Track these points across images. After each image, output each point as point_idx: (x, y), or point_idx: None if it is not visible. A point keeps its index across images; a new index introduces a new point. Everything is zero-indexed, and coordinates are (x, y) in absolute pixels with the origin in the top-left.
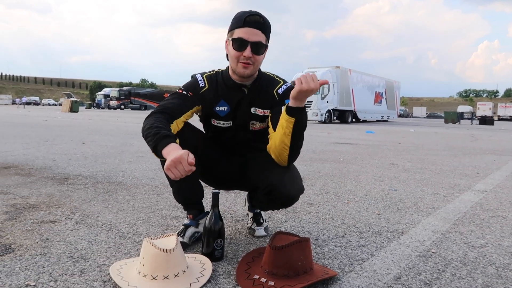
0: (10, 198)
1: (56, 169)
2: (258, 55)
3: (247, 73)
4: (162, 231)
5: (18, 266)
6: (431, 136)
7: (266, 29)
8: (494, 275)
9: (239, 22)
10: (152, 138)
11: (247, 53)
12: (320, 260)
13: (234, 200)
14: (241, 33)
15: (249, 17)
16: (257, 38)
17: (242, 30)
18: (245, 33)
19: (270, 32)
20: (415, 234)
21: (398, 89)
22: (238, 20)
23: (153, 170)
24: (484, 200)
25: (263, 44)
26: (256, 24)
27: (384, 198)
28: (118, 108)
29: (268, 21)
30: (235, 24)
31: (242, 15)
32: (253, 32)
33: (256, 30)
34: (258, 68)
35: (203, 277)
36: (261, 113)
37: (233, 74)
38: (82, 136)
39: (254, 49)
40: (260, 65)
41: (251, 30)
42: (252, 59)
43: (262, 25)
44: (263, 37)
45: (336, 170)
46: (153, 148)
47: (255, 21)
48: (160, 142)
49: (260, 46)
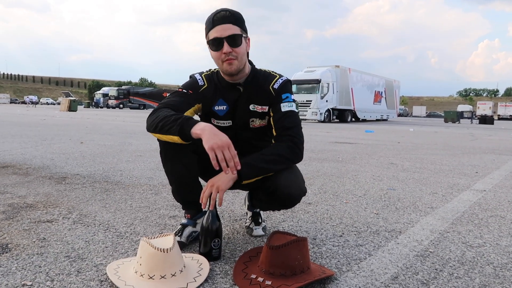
0: (7, 198)
1: (54, 169)
2: (237, 47)
3: (233, 68)
4: (160, 231)
5: (14, 266)
6: (431, 136)
7: (237, 21)
8: (491, 274)
9: (209, 24)
10: (175, 123)
11: (225, 49)
12: (317, 259)
13: (232, 199)
14: (214, 33)
15: (216, 15)
16: (230, 32)
17: (214, 30)
18: (217, 32)
19: (244, 22)
20: (413, 233)
21: (398, 88)
22: (208, 23)
23: (151, 169)
24: (483, 199)
25: (238, 35)
26: (224, 19)
27: (382, 197)
28: (117, 107)
29: (237, 12)
30: (207, 27)
31: (210, 16)
32: (224, 28)
33: (226, 25)
34: (244, 62)
35: (200, 277)
36: (260, 110)
37: (224, 75)
38: (81, 135)
39: (230, 43)
40: (244, 58)
41: (221, 27)
42: (234, 53)
43: (230, 18)
44: (236, 29)
45: (335, 170)
46: (179, 131)
47: (223, 17)
48: (186, 122)
49: (236, 38)
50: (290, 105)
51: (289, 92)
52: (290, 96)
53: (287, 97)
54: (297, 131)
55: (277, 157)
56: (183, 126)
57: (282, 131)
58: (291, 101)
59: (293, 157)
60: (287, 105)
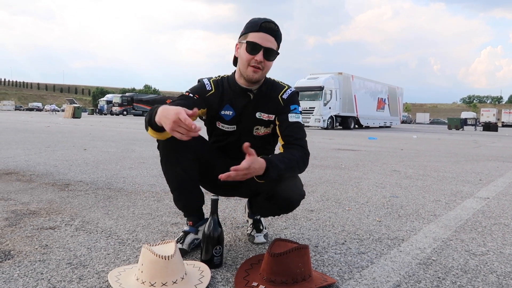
0: (11, 204)
1: (57, 175)
2: (269, 61)
3: (256, 77)
4: (162, 238)
5: (17, 273)
6: (434, 143)
7: (279, 38)
8: (495, 283)
9: (254, 27)
10: (149, 113)
11: (259, 57)
12: (319, 267)
13: (235, 206)
14: (255, 37)
15: (264, 23)
16: (270, 45)
17: (256, 34)
18: (259, 38)
19: (281, 42)
20: (416, 241)
21: (401, 95)
22: (253, 25)
23: (154, 176)
24: (487, 207)
25: (274, 51)
26: (271, 31)
27: (385, 205)
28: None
29: (280, 31)
30: (250, 28)
31: (258, 20)
32: (267, 38)
33: (270, 36)
34: (266, 74)
35: (202, 284)
36: (266, 118)
37: (239, 78)
38: (84, 142)
39: (266, 54)
40: (268, 71)
41: (265, 36)
42: (263, 64)
43: (276, 32)
44: (275, 45)
45: (338, 177)
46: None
47: (270, 28)
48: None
49: (272, 53)
50: (297, 116)
51: (297, 103)
52: (297, 107)
53: (295, 108)
54: (305, 144)
55: (296, 165)
56: (151, 118)
57: (293, 140)
58: (298, 113)
59: (303, 167)
60: (295, 116)
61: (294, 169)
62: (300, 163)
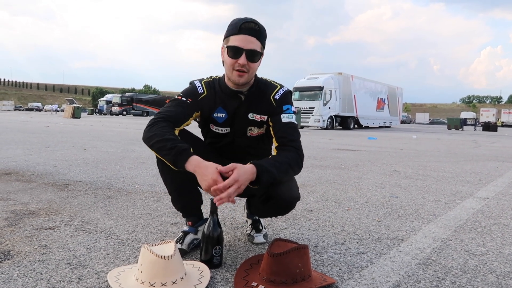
0: (10, 204)
1: (56, 175)
2: (253, 63)
3: (241, 81)
4: (161, 238)
5: (16, 273)
6: (434, 143)
7: (261, 36)
8: (494, 283)
9: (234, 29)
10: (169, 152)
11: (242, 61)
12: (319, 267)
13: (234, 206)
14: (236, 41)
15: (244, 24)
16: (252, 46)
17: (237, 37)
18: (240, 41)
19: (266, 39)
20: (415, 241)
21: (401, 95)
22: (233, 27)
23: (154, 176)
24: (486, 207)
25: (258, 52)
26: (251, 31)
27: (384, 205)
28: (120, 114)
29: (263, 27)
30: (231, 31)
31: (238, 22)
32: (248, 40)
33: (251, 37)
34: (252, 76)
35: (201, 284)
36: (259, 119)
37: (228, 81)
38: (84, 142)
39: (249, 56)
40: (255, 72)
41: (246, 38)
42: (247, 67)
43: (257, 32)
44: (258, 45)
45: (337, 177)
46: (173, 163)
47: (250, 28)
48: (179, 156)
49: (255, 54)
50: (290, 116)
51: (290, 103)
52: (290, 107)
53: (288, 108)
54: (300, 145)
55: (289, 168)
56: (177, 160)
57: (286, 142)
58: (291, 113)
59: (297, 169)
60: (288, 117)
61: (287, 172)
62: (293, 165)
